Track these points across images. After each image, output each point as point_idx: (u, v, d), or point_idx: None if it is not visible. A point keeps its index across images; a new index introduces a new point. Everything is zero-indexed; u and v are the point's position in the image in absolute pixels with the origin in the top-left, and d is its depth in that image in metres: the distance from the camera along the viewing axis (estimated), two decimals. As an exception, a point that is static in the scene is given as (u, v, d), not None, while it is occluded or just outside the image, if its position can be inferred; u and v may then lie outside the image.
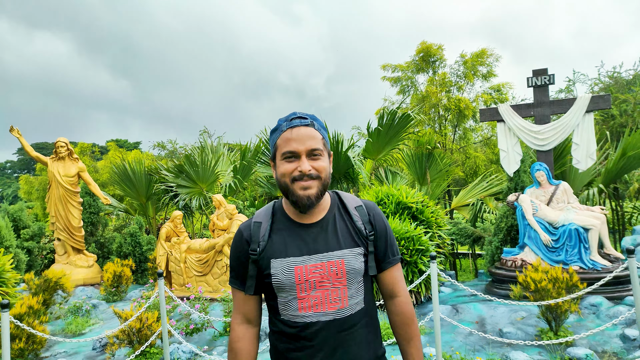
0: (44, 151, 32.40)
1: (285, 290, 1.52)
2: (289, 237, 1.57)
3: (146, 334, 5.24)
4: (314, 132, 1.54)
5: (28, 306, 5.68)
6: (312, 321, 1.51)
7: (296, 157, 1.51)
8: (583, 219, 6.72)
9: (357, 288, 1.56)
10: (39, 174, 21.18)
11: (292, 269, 1.51)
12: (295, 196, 1.51)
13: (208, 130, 18.61)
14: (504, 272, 7.11)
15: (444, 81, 14.27)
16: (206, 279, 8.20)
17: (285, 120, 1.55)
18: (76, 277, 9.71)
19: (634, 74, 13.76)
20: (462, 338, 5.39)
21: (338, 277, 1.52)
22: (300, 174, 1.49)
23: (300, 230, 1.57)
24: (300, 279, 1.50)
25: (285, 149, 1.51)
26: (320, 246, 1.54)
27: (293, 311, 1.52)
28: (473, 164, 14.21)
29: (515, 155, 8.08)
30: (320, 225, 1.58)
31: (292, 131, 1.52)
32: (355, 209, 1.65)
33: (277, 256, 1.53)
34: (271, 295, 1.59)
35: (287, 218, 1.61)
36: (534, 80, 7.97)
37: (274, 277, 1.52)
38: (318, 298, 1.51)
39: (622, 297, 6.20)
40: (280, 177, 1.54)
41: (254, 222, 1.62)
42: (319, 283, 1.51)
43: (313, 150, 1.51)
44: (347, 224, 1.61)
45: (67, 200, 10.17)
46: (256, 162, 12.73)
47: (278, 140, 1.56)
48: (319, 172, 1.52)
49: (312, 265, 1.51)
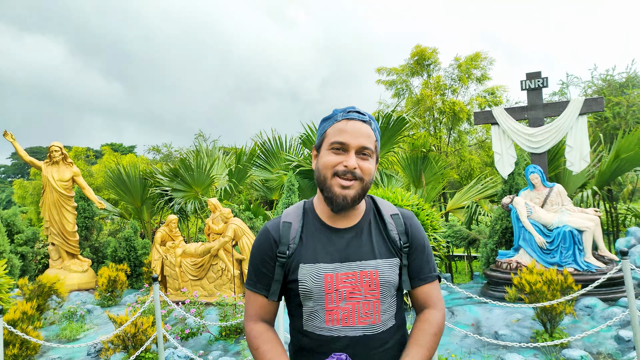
0: (38, 155, 32.24)
1: (312, 299, 1.38)
2: (320, 242, 1.43)
3: (141, 339, 5.22)
4: (369, 131, 1.42)
5: (22, 312, 5.64)
6: (339, 335, 1.37)
7: (344, 151, 1.39)
8: (577, 221, 6.76)
9: (390, 303, 1.44)
10: (33, 179, 21.07)
11: (321, 276, 1.38)
12: (331, 193, 1.39)
13: (203, 133, 18.59)
14: (499, 274, 7.13)
15: (438, 84, 14.33)
16: (201, 283, 8.17)
17: (342, 111, 1.44)
18: (70, 282, 9.65)
19: (627, 76, 13.87)
20: (457, 341, 5.40)
21: (371, 289, 1.39)
22: (345, 170, 1.37)
23: (332, 235, 1.44)
24: (330, 288, 1.37)
25: (334, 139, 1.39)
26: (352, 254, 1.41)
27: (319, 323, 1.39)
28: (468, 166, 14.27)
29: (509, 158, 8.12)
30: (354, 231, 1.45)
31: (347, 123, 1.40)
32: (390, 217, 1.51)
33: (306, 261, 1.40)
34: (295, 304, 1.45)
35: (319, 220, 1.48)
36: (527, 83, 8.02)
37: (302, 284, 1.39)
38: (348, 310, 1.37)
39: (616, 299, 6.23)
40: (322, 168, 1.41)
41: (284, 222, 1.48)
42: (349, 294, 1.37)
43: (364, 148, 1.39)
44: (382, 233, 1.48)
45: (62, 204, 10.12)
46: (251, 166, 12.73)
47: (329, 129, 1.43)
48: (364, 173, 1.39)
49: (343, 274, 1.38)
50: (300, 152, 13.12)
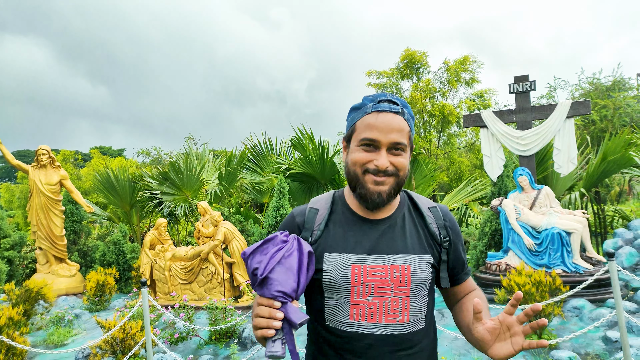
0: (25, 159, 31.90)
1: (336, 291, 1.30)
2: (349, 231, 1.35)
3: (130, 343, 5.17)
4: (402, 123, 1.31)
5: (8, 317, 5.56)
6: (364, 332, 1.27)
7: (375, 148, 1.30)
8: (565, 222, 6.82)
9: (420, 302, 1.33)
10: (20, 182, 20.81)
11: (349, 267, 1.29)
12: (364, 189, 1.30)
13: (193, 137, 18.51)
14: (489, 276, 7.17)
15: (428, 87, 14.41)
16: (191, 287, 8.12)
17: (372, 101, 1.32)
18: (58, 286, 9.54)
19: (613, 80, 14.05)
20: (447, 343, 5.41)
21: (401, 284, 1.29)
22: (376, 169, 1.28)
23: (363, 225, 1.36)
24: (357, 280, 1.28)
25: (364, 135, 1.30)
26: (383, 246, 1.32)
27: (343, 317, 1.29)
28: (457, 169, 14.36)
29: (498, 161, 8.18)
30: (387, 223, 1.36)
31: (377, 116, 1.30)
32: (429, 209, 1.43)
33: (332, 250, 1.32)
34: (317, 296, 1.36)
35: (349, 210, 1.40)
36: (515, 86, 8.10)
37: (326, 274, 1.30)
38: (374, 306, 1.28)
39: (604, 300, 6.29)
40: (351, 165, 1.33)
41: (310, 207, 1.42)
42: (377, 288, 1.28)
43: (396, 144, 1.29)
44: (418, 227, 1.39)
45: (49, 208, 10.01)
46: (242, 169, 12.69)
47: (358, 122, 1.33)
48: (398, 169, 1.31)
49: (372, 266, 1.29)
50: (290, 155, 13.11)
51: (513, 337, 1.17)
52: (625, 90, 13.84)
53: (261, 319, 1.13)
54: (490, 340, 1.20)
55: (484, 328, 1.21)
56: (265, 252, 1.21)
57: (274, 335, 1.12)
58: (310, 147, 11.62)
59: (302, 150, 12.14)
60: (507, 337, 1.18)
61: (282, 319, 1.13)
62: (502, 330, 1.19)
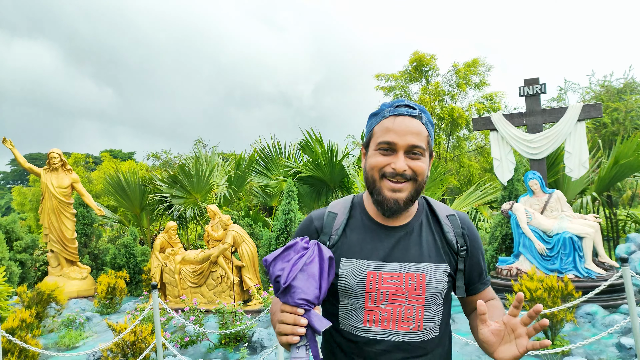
0: (37, 162, 32.21)
1: (351, 296, 1.32)
2: (366, 238, 1.36)
3: (140, 347, 5.19)
4: (420, 127, 1.31)
5: (21, 320, 5.61)
6: (377, 338, 1.29)
7: (392, 151, 1.30)
8: (577, 227, 6.75)
9: (435, 311, 1.34)
10: (32, 185, 21.07)
11: (364, 273, 1.31)
12: (381, 196, 1.31)
13: (202, 140, 18.61)
14: (500, 281, 7.11)
15: (437, 90, 14.38)
16: (201, 291, 8.14)
17: (390, 106, 1.34)
18: (70, 289, 9.62)
19: (625, 82, 13.92)
20: (458, 348, 5.38)
21: (416, 293, 1.30)
22: (393, 172, 1.29)
23: (380, 232, 1.37)
24: (372, 287, 1.30)
25: (381, 139, 1.30)
26: (399, 254, 1.33)
27: (356, 322, 1.31)
28: (467, 172, 14.29)
29: (508, 164, 8.13)
30: (404, 230, 1.37)
31: (395, 120, 1.30)
32: (447, 217, 1.42)
33: (348, 256, 1.34)
34: (332, 299, 1.38)
35: (367, 216, 1.41)
36: (525, 89, 8.05)
37: (342, 279, 1.32)
38: (388, 313, 1.29)
39: (617, 306, 6.21)
40: (369, 170, 1.33)
41: (329, 212, 1.43)
42: (392, 296, 1.29)
43: (414, 147, 1.29)
44: (435, 235, 1.39)
45: (61, 211, 10.10)
46: (251, 172, 12.72)
47: (376, 127, 1.34)
48: (416, 173, 1.30)
49: (387, 273, 1.30)
50: (299, 159, 13.13)
51: (517, 339, 1.18)
52: (637, 92, 13.71)
53: (285, 325, 1.15)
54: (495, 342, 1.20)
55: (488, 330, 1.21)
56: (287, 259, 1.22)
57: (298, 342, 1.14)
58: (319, 151, 11.62)
59: (311, 153, 12.14)
60: (512, 340, 1.19)
61: (305, 326, 1.15)
62: (506, 333, 1.20)
